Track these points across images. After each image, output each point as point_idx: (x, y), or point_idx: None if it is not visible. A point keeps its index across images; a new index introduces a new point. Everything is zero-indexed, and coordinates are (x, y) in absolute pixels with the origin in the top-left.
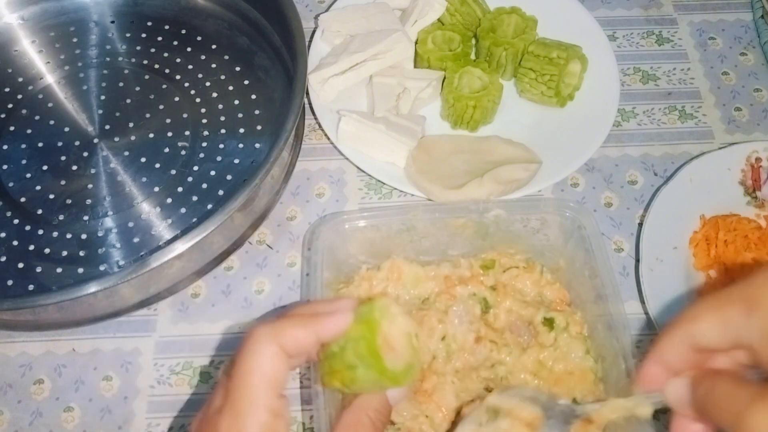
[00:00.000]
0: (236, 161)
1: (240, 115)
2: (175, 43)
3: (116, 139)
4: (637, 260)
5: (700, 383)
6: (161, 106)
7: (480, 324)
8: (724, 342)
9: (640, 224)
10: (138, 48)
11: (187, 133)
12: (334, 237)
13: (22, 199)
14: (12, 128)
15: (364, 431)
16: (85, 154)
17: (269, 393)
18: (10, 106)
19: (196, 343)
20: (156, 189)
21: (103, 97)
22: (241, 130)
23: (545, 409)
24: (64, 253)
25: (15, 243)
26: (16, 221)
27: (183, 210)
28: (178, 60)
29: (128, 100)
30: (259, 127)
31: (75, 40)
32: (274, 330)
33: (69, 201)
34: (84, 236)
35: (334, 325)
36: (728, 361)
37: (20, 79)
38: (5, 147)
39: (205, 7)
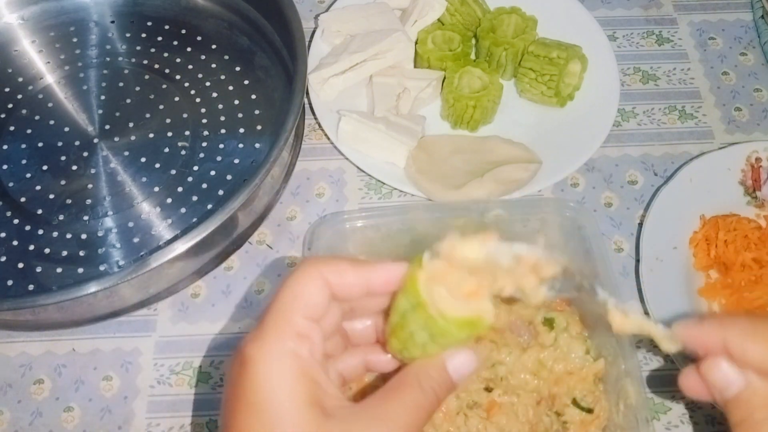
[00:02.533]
0: (236, 161)
1: (240, 115)
2: (175, 43)
3: (116, 139)
4: (637, 260)
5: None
6: (161, 106)
7: None
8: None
9: (640, 224)
10: (138, 48)
11: (187, 133)
12: (334, 237)
13: (22, 199)
14: (12, 128)
15: (410, 393)
16: (85, 154)
17: (296, 314)
18: (10, 106)
19: (196, 343)
20: (156, 189)
21: (103, 97)
22: (241, 130)
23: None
24: (64, 253)
25: (15, 243)
26: (16, 221)
27: (183, 210)
28: (178, 60)
29: (128, 100)
30: (259, 127)
31: (75, 40)
32: (323, 261)
33: (69, 201)
34: (84, 236)
35: (385, 272)
36: None
37: (20, 79)
38: (5, 147)
39: (205, 7)
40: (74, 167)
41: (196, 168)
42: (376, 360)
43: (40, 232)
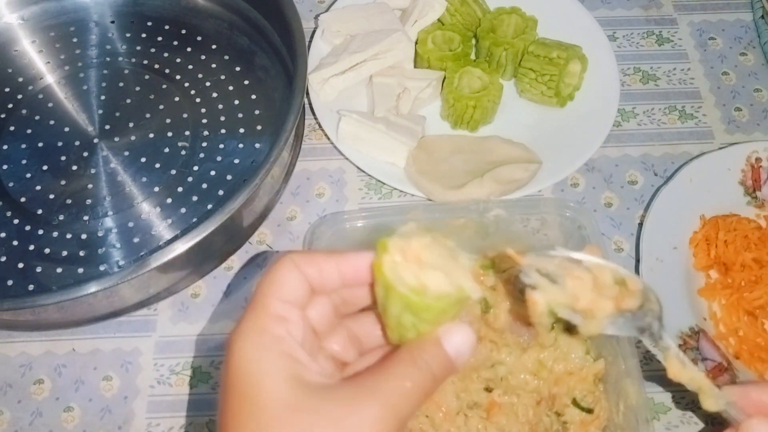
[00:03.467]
0: (236, 161)
1: (240, 115)
2: (175, 43)
3: (116, 139)
4: (637, 260)
5: None
6: (161, 106)
7: (480, 324)
8: None
9: (640, 224)
10: (138, 48)
11: (187, 133)
12: (334, 237)
13: (22, 199)
14: (12, 128)
15: (403, 367)
16: (85, 154)
17: (272, 298)
18: (10, 106)
19: (196, 343)
20: (156, 189)
21: (103, 97)
22: (241, 130)
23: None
24: (64, 253)
25: (15, 243)
26: (16, 221)
27: (183, 210)
28: (178, 60)
29: (128, 100)
30: (259, 127)
31: (75, 40)
32: (297, 254)
33: (69, 201)
34: (84, 236)
35: (353, 260)
36: None
37: (20, 79)
38: (5, 147)
39: (205, 7)
40: (74, 167)
41: (196, 168)
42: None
43: (40, 232)
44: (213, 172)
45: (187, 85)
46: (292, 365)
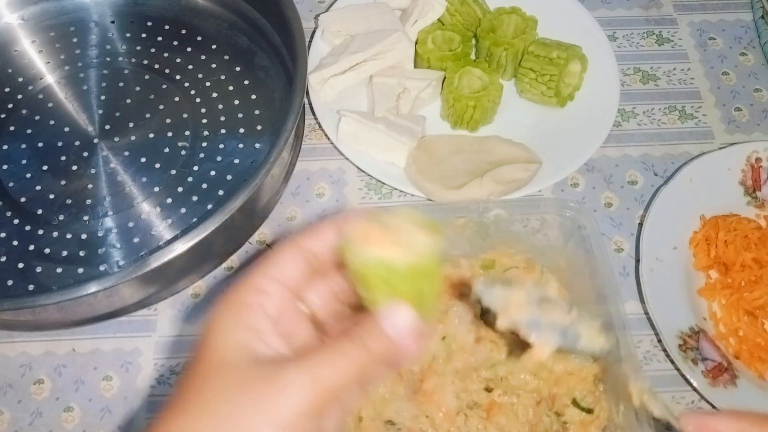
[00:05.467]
0: (236, 161)
1: (240, 115)
2: (175, 43)
3: (116, 139)
4: (637, 260)
5: None
6: (161, 106)
7: (480, 324)
8: None
9: (640, 224)
10: (138, 48)
11: (187, 133)
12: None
13: (22, 199)
14: (12, 128)
15: (339, 341)
16: (85, 154)
17: (258, 273)
18: (10, 106)
19: (196, 344)
20: (156, 189)
21: (103, 97)
22: (241, 130)
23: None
24: (64, 253)
25: (15, 243)
26: (16, 221)
27: (183, 210)
28: (178, 60)
29: (128, 100)
30: (259, 127)
31: (75, 40)
32: (301, 233)
33: (69, 201)
34: (84, 236)
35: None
36: None
37: (20, 79)
38: (5, 147)
39: (205, 7)
40: (74, 167)
41: (196, 168)
42: None
43: (40, 232)
44: (213, 172)
45: (187, 85)
46: (246, 335)
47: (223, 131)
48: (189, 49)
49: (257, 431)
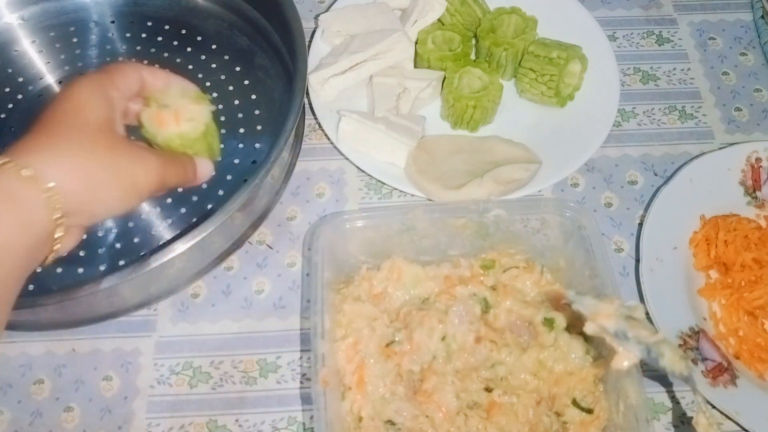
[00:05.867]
0: (236, 161)
1: (240, 115)
2: (175, 43)
3: None
4: (637, 260)
5: None
6: None
7: (480, 324)
8: None
9: (640, 224)
10: (138, 48)
11: None
12: (334, 237)
13: None
14: (12, 128)
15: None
16: None
17: (119, 75)
18: (10, 106)
19: (196, 343)
20: None
21: None
22: (241, 130)
23: None
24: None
25: None
26: None
27: (183, 210)
28: (178, 60)
29: None
30: (259, 127)
31: (75, 40)
32: (141, 66)
33: None
34: (84, 236)
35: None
36: None
37: (20, 79)
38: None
39: (205, 7)
40: None
41: None
42: None
43: None
44: (213, 172)
45: None
46: (110, 112)
47: (223, 131)
48: (189, 49)
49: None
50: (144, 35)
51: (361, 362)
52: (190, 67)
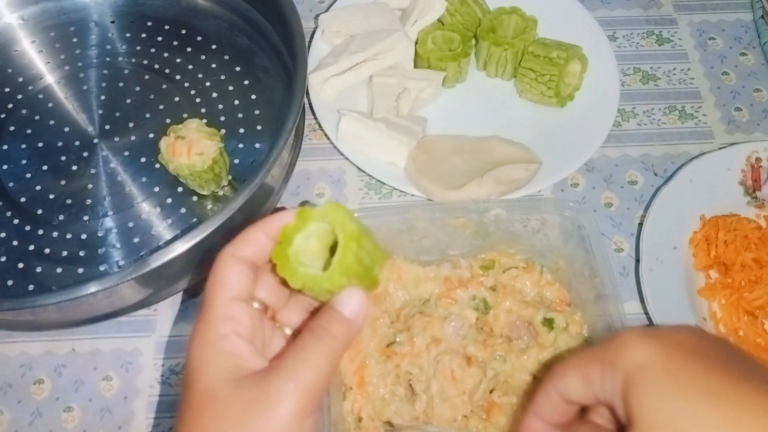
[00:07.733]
0: (236, 161)
1: (240, 115)
2: (175, 43)
3: (116, 139)
4: (637, 260)
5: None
6: (161, 106)
7: (473, 338)
8: (587, 398)
9: (640, 224)
10: (138, 48)
11: None
12: None
13: (22, 199)
14: (12, 128)
15: (306, 341)
16: (85, 154)
17: (218, 299)
18: (10, 106)
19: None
20: (156, 189)
21: (103, 97)
22: (241, 130)
23: None
24: (64, 253)
25: (15, 243)
26: (16, 221)
27: (183, 210)
28: (178, 60)
29: (128, 100)
30: (259, 127)
31: (75, 40)
32: (230, 243)
33: (69, 201)
34: (84, 236)
35: (275, 219)
36: (602, 417)
37: (20, 79)
38: (5, 147)
39: (205, 7)
40: (74, 167)
41: None
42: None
43: (40, 232)
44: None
45: (187, 85)
46: (229, 359)
47: (223, 131)
48: (189, 49)
49: None
50: (144, 35)
51: (362, 362)
52: (190, 67)
